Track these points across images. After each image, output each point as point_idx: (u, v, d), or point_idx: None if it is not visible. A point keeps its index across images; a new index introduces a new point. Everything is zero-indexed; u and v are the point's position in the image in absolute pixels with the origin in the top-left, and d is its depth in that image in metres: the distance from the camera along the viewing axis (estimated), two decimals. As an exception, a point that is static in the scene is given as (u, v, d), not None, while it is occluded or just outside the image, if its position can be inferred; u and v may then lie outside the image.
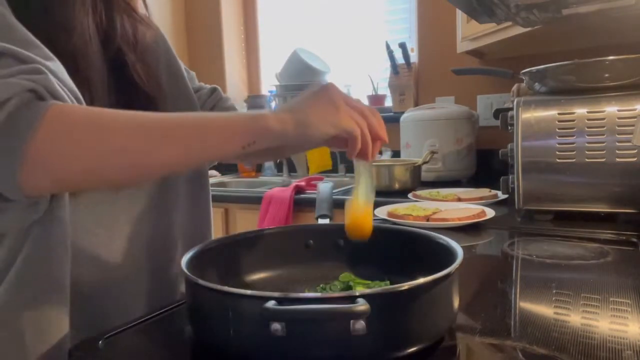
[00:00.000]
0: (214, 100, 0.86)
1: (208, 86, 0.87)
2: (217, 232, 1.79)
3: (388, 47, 2.05)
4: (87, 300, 0.61)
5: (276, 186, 1.85)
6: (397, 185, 1.58)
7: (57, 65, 0.49)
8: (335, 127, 0.54)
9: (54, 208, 0.54)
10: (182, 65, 0.80)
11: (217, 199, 1.80)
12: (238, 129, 0.52)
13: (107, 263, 0.63)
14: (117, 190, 0.64)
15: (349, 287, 0.57)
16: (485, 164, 1.84)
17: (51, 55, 0.49)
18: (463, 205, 1.14)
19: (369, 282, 0.58)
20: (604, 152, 0.97)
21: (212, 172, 2.35)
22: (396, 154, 1.96)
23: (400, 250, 0.60)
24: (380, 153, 2.06)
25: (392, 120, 1.97)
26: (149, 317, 0.55)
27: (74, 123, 0.46)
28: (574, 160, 1.00)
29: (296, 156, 2.20)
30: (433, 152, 1.64)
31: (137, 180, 0.56)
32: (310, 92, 0.56)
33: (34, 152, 0.43)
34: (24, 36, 0.48)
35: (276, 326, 0.37)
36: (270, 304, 0.37)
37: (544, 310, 0.56)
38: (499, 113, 1.13)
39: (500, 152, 1.12)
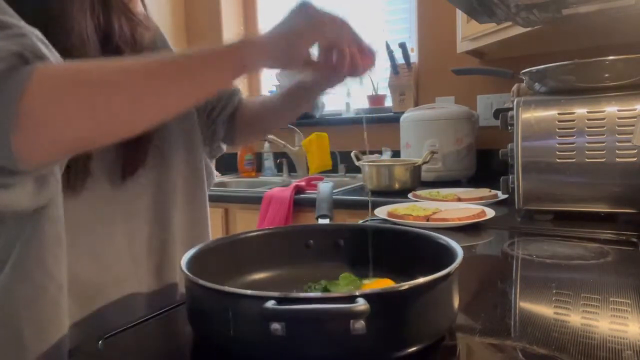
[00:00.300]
0: None
1: None
2: (217, 232, 1.79)
3: (388, 47, 2.05)
4: (87, 299, 0.61)
5: (276, 186, 1.85)
6: (397, 185, 1.58)
7: (37, 32, 0.48)
8: (320, 34, 0.56)
9: (47, 206, 0.53)
10: None
11: (217, 199, 1.80)
12: (225, 56, 0.53)
13: (106, 260, 0.63)
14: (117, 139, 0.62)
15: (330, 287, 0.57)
16: (485, 164, 1.84)
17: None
18: (463, 205, 1.14)
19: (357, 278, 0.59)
20: (604, 152, 0.97)
21: (212, 172, 2.35)
22: (396, 154, 1.97)
23: (400, 250, 0.60)
24: (380, 153, 2.06)
25: (392, 120, 1.98)
26: (149, 317, 0.55)
27: (61, 82, 0.45)
28: (574, 160, 1.00)
29: (296, 156, 2.20)
30: (433, 152, 1.64)
31: (133, 131, 0.52)
32: (289, 10, 0.57)
33: (24, 115, 0.42)
34: (4, 9, 0.47)
35: (276, 326, 0.37)
36: (270, 303, 0.37)
37: (544, 310, 0.56)
38: (499, 113, 1.13)
39: (500, 152, 1.12)
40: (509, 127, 1.08)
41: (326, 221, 0.79)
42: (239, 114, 0.86)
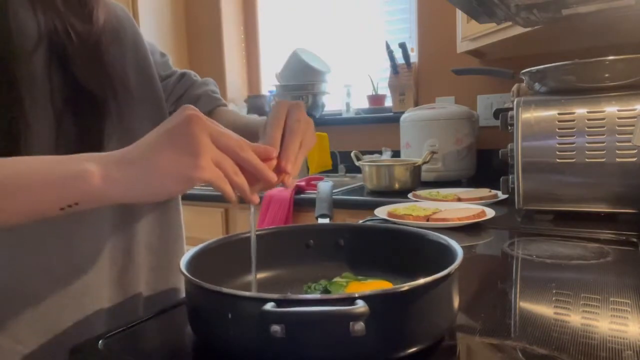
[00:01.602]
0: (184, 87, 0.79)
1: (179, 71, 0.81)
2: (217, 232, 1.79)
3: (388, 47, 2.05)
4: (43, 314, 0.57)
5: (276, 186, 1.84)
6: (397, 185, 1.58)
7: None
8: (189, 182, 0.44)
9: None
10: (157, 50, 0.74)
11: (217, 199, 1.81)
12: (53, 189, 0.43)
13: (64, 275, 0.59)
14: None
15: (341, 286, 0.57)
16: (485, 164, 1.84)
17: None
18: (463, 205, 1.14)
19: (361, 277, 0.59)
20: (604, 152, 0.97)
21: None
22: (396, 154, 1.97)
23: (400, 250, 0.60)
24: (380, 153, 2.06)
25: (392, 120, 1.98)
26: (149, 317, 0.55)
27: None
28: (574, 160, 1.00)
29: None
30: (433, 152, 1.64)
31: None
32: (165, 129, 0.45)
33: None
34: None
35: (275, 328, 0.37)
36: (269, 306, 0.37)
37: (544, 310, 0.56)
38: (499, 113, 1.13)
39: (500, 152, 1.12)
40: (509, 127, 1.08)
41: (326, 221, 0.79)
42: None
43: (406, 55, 2.04)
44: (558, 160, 1.01)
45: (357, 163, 1.74)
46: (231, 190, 0.46)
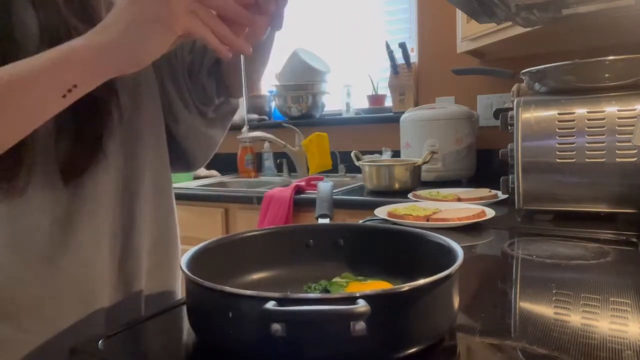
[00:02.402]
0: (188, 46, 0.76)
1: None
2: (217, 232, 1.79)
3: (388, 47, 2.05)
4: (43, 314, 0.57)
5: (276, 186, 1.85)
6: (397, 185, 1.58)
7: None
8: (169, 31, 0.44)
9: None
10: None
11: (217, 199, 1.80)
12: (48, 73, 0.44)
13: (61, 268, 0.58)
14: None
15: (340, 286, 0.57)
16: (485, 164, 1.84)
17: None
18: (463, 205, 1.14)
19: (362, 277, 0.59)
20: (604, 152, 0.97)
21: (212, 172, 2.35)
22: (396, 154, 1.97)
23: (400, 250, 0.60)
24: (380, 153, 2.06)
25: (392, 120, 1.98)
26: (149, 317, 0.55)
27: None
28: (574, 160, 1.00)
29: (296, 156, 2.20)
30: (433, 152, 1.64)
31: None
32: None
33: None
34: None
35: (276, 327, 0.37)
36: (270, 304, 0.37)
37: (544, 310, 0.56)
38: (499, 113, 1.13)
39: (500, 152, 1.12)
40: (509, 127, 1.08)
41: (326, 221, 0.79)
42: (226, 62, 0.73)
43: (406, 55, 2.04)
44: (558, 160, 1.01)
45: (357, 163, 1.74)
46: (215, 38, 0.46)
